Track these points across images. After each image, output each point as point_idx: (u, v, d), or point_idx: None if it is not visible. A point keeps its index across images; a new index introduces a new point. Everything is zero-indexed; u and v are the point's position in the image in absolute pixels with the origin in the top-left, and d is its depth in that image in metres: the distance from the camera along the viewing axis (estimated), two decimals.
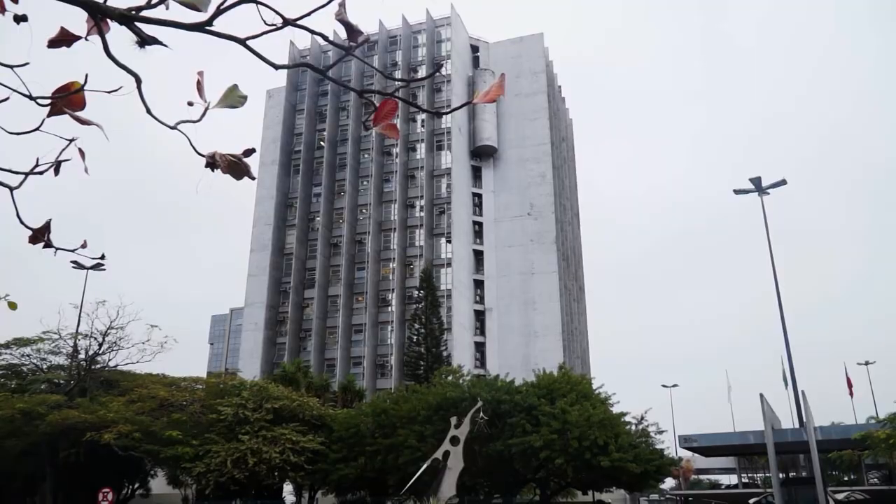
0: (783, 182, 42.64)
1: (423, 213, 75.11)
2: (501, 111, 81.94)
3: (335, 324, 73.14)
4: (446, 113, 3.19)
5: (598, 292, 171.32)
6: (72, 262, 39.70)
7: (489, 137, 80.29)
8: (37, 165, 2.37)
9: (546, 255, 75.27)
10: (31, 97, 2.29)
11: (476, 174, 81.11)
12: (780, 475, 38.71)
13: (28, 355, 42.33)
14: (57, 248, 2.46)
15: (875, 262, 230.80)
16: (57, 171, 2.35)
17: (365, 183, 79.03)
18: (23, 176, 2.39)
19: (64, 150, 2.30)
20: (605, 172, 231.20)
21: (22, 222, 2.35)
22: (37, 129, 2.27)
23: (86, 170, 2.31)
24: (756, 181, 42.96)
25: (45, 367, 42.63)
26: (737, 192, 43.63)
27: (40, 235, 2.36)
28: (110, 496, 30.69)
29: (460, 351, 66.23)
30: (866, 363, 72.32)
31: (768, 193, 42.88)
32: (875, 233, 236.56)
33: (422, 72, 78.74)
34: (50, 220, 2.42)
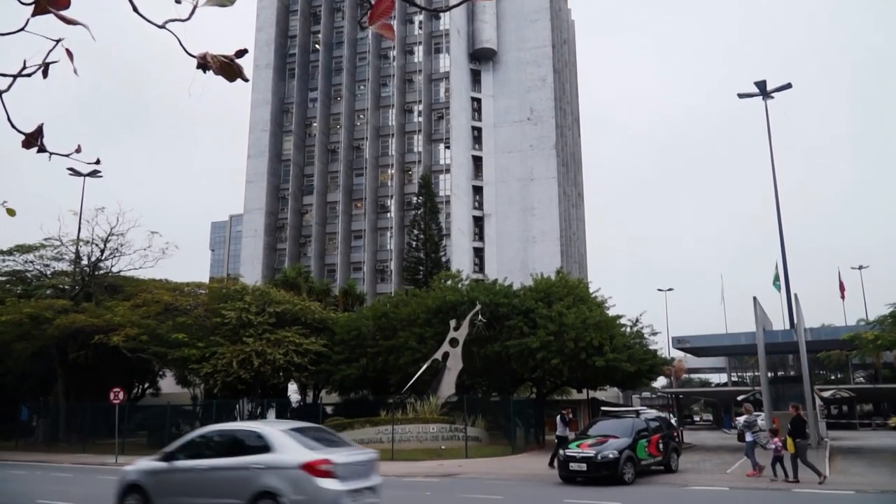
0: (788, 86, 41.70)
1: (421, 119, 73.90)
2: (501, 11, 79.09)
3: (335, 230, 73.44)
4: (445, 10, 3.08)
5: (597, 198, 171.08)
6: (69, 168, 39.36)
7: (488, 40, 77.85)
8: (24, 68, 2.31)
9: (545, 161, 74.65)
10: None
11: (475, 78, 79.20)
12: (769, 374, 39.90)
13: (31, 262, 42.54)
14: (51, 153, 2.43)
15: (873, 168, 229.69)
16: (45, 74, 2.30)
17: (362, 87, 77.26)
18: (11, 79, 2.34)
19: (51, 51, 2.23)
20: (606, 75, 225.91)
21: (14, 126, 2.32)
22: (21, 29, 2.20)
23: (75, 71, 2.26)
24: (761, 85, 42.03)
25: (48, 272, 42.97)
26: (741, 95, 42.73)
27: (33, 140, 2.34)
28: (121, 395, 31.71)
29: (459, 256, 66.86)
30: (860, 267, 73.12)
31: (773, 97, 42.01)
32: (872, 139, 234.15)
33: None
34: (42, 123, 2.38)
